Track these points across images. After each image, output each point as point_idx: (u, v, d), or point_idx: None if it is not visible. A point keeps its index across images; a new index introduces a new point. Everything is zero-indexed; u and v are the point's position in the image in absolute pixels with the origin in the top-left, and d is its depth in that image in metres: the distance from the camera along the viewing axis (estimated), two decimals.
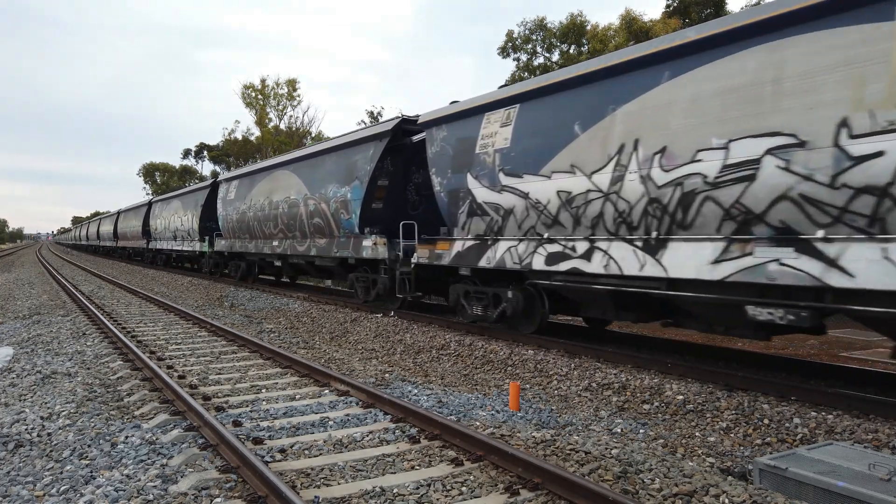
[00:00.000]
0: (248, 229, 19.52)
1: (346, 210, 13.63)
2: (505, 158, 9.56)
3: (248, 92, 49.85)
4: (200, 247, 24.90)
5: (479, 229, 10.24)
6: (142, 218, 36.98)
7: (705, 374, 7.33)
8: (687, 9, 22.82)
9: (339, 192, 14.00)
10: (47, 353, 9.64)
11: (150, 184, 74.30)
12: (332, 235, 14.48)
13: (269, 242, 18.22)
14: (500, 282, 10.19)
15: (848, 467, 4.35)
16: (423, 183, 13.02)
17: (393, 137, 12.61)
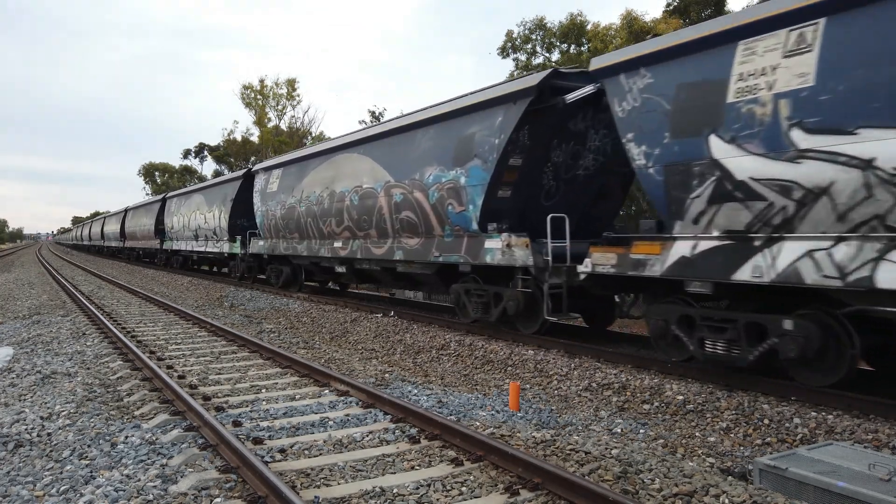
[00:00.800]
0: (298, 227, 16.38)
1: (456, 200, 10.45)
2: (804, 106, 5.99)
3: (248, 92, 49.86)
4: (230, 248, 21.85)
5: (737, 222, 6.67)
6: (154, 215, 33.62)
7: (705, 374, 7.33)
8: (687, 8, 22.81)
9: (445, 177, 10.66)
10: (47, 353, 9.64)
11: (149, 184, 74.24)
12: (431, 234, 11.25)
13: (329, 243, 14.94)
14: (747, 304, 7.09)
15: (848, 467, 4.35)
16: (563, 162, 10.13)
17: (538, 97, 9.16)
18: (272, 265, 19.27)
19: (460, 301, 11.00)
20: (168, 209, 31.15)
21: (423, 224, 11.44)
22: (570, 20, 27.20)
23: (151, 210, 35.13)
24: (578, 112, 9.74)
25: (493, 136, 9.65)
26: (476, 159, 9.97)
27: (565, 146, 10.00)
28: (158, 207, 33.14)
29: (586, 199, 10.67)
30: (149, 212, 35.95)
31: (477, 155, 9.94)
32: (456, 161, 10.44)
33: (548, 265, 9.02)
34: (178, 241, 29.16)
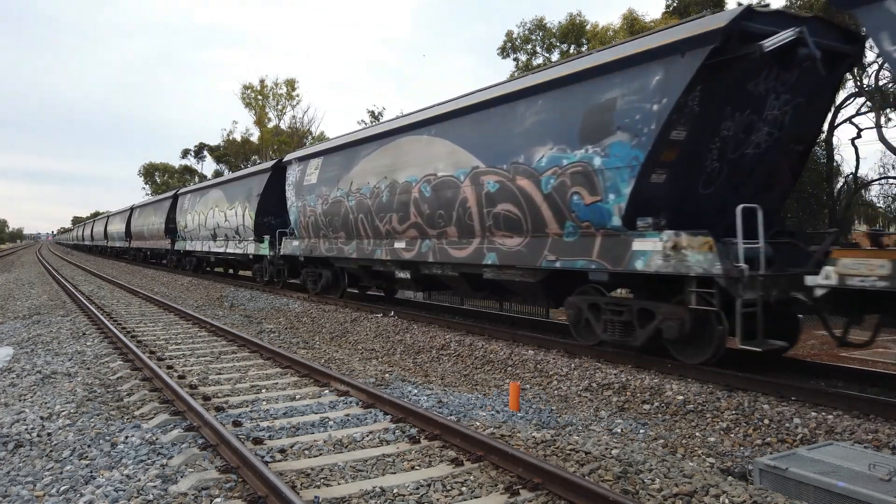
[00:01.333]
0: (345, 225, 14.09)
1: (586, 188, 8.09)
2: None
3: (248, 92, 49.88)
4: (256, 249, 19.42)
5: None
6: (164, 213, 30.89)
7: (705, 375, 7.33)
8: (687, 8, 22.82)
9: (568, 159, 8.32)
10: (47, 353, 9.64)
11: (149, 184, 74.27)
12: (541, 232, 8.97)
13: (388, 244, 12.57)
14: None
15: (848, 467, 4.35)
16: (732, 137, 7.68)
17: (722, 46, 6.82)
18: (309, 268, 16.90)
19: (581, 318, 8.75)
20: (180, 206, 28.53)
21: (529, 220, 9.09)
22: (569, 20, 27.22)
23: (161, 207, 32.41)
24: (762, 69, 7.28)
25: (649, 101, 7.34)
26: (620, 133, 7.64)
27: (739, 115, 7.54)
28: (169, 205, 30.54)
29: (753, 185, 8.19)
30: (158, 209, 33.16)
31: (621, 127, 7.63)
32: (585, 137, 8.07)
33: (743, 274, 6.77)
34: (193, 242, 26.55)
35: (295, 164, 16.90)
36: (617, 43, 8.52)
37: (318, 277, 16.52)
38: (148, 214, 35.89)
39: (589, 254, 8.20)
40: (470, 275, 10.86)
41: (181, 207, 28.45)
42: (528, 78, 9.59)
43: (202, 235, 25.12)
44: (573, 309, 8.88)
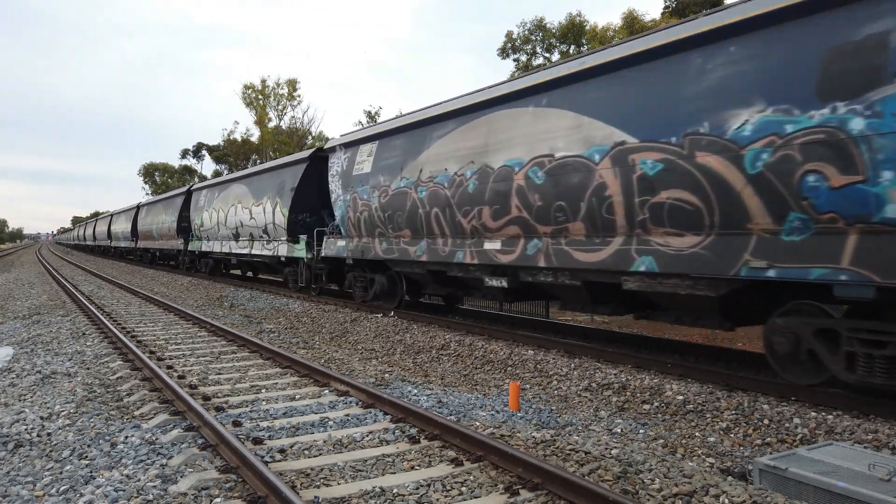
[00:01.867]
0: (412, 221, 11.61)
1: (835, 164, 5.81)
2: None
3: (249, 92, 49.88)
4: (290, 250, 16.90)
5: None
6: (176, 211, 28.71)
7: (705, 374, 7.33)
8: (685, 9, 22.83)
9: (795, 125, 6.04)
10: (47, 353, 9.64)
11: (149, 184, 74.29)
12: (737, 227, 6.65)
13: (475, 244, 10.20)
14: None
15: (848, 467, 4.35)
16: None
17: None
18: (357, 272, 14.31)
19: (799, 348, 6.43)
20: (195, 203, 26.13)
21: (716, 211, 6.76)
22: (569, 21, 27.23)
23: (172, 205, 29.98)
24: None
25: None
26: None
27: None
28: (182, 202, 28.33)
29: None
30: (169, 207, 30.60)
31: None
32: (830, 91, 5.77)
33: None
34: (210, 242, 24.07)
35: (340, 152, 14.29)
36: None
37: (368, 284, 13.76)
38: (157, 212, 33.23)
39: (834, 258, 5.78)
40: (599, 284, 8.39)
41: (196, 204, 26.04)
42: (705, 19, 7.01)
43: (221, 235, 22.67)
44: (785, 336, 6.48)
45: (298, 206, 16.89)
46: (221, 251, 22.90)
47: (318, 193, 16.24)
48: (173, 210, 29.51)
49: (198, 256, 26.87)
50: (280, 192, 17.61)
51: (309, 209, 16.89)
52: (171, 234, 29.66)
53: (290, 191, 16.97)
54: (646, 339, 10.16)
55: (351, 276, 14.61)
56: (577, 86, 8.43)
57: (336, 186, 14.38)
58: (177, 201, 29.44)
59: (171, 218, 29.65)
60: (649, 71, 7.47)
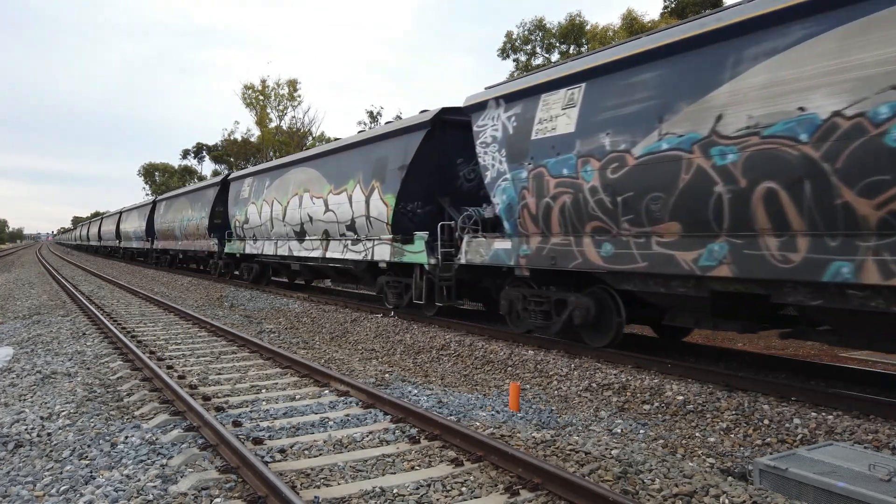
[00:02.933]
0: (753, 204, 6.33)
1: None
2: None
3: (249, 92, 49.86)
4: (395, 253, 12.26)
5: None
6: (208, 206, 24.19)
7: (705, 375, 7.33)
8: (684, 9, 22.84)
9: None
10: (47, 353, 9.64)
11: (149, 184, 74.30)
12: None
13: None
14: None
15: (848, 468, 4.35)
16: None
17: None
18: (526, 290, 9.77)
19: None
20: (235, 195, 21.58)
21: None
22: (569, 21, 27.24)
23: (202, 199, 25.49)
24: None
25: None
26: None
27: None
28: (215, 194, 23.82)
29: None
30: (197, 201, 26.05)
31: None
32: None
33: None
34: (258, 242, 19.60)
35: (497, 108, 9.80)
36: None
37: (552, 308, 9.29)
38: (181, 208, 28.40)
39: None
40: None
41: (236, 197, 21.47)
42: None
43: (277, 234, 18.05)
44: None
45: (409, 192, 12.06)
46: (276, 254, 18.15)
47: (437, 173, 11.96)
48: (203, 204, 24.88)
49: (238, 260, 22.26)
50: (379, 174, 12.81)
51: (422, 196, 12.22)
52: (200, 233, 25.18)
53: (397, 170, 12.13)
54: (646, 340, 10.16)
55: (514, 294, 9.92)
56: None
57: (494, 160, 9.79)
58: (208, 194, 24.65)
59: (200, 214, 25.18)
60: None
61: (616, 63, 8.00)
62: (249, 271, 21.21)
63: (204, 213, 24.66)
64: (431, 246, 11.40)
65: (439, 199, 12.02)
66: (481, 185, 10.75)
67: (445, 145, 11.87)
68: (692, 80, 7.01)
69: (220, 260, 23.48)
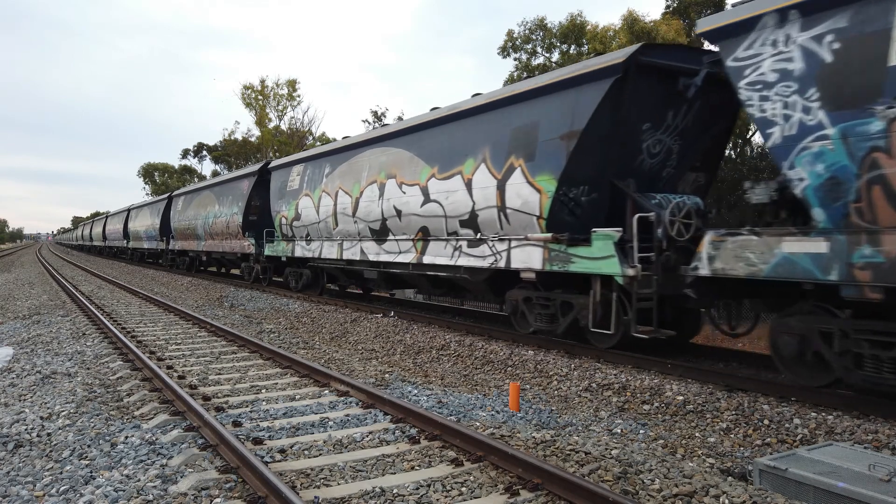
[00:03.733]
0: None
1: None
2: None
3: (248, 93, 49.87)
4: (549, 260, 8.88)
5: None
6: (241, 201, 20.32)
7: (705, 375, 7.33)
8: (686, 9, 22.82)
9: None
10: (47, 354, 9.64)
11: (149, 184, 74.28)
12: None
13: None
14: None
15: (848, 468, 4.35)
16: None
17: None
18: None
19: None
20: (281, 186, 17.66)
21: None
22: (570, 21, 27.25)
23: (232, 192, 21.53)
24: None
25: None
26: None
27: None
28: (250, 187, 19.96)
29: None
30: (226, 195, 22.04)
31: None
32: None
33: None
34: (314, 244, 15.91)
35: (808, 21, 6.21)
36: None
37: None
38: (204, 202, 24.65)
39: None
40: None
41: (281, 189, 17.61)
42: None
43: (343, 232, 14.51)
44: None
45: (577, 171, 8.59)
46: (340, 258, 14.64)
47: (617, 146, 8.52)
48: (235, 199, 21.10)
49: (282, 264, 18.72)
50: (524, 147, 9.15)
51: (590, 179, 8.72)
52: (231, 231, 21.33)
53: (559, 141, 8.63)
54: (646, 340, 10.16)
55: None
56: None
57: (788, 108, 6.39)
58: (241, 186, 20.74)
59: (230, 210, 21.42)
60: None
61: None
62: (298, 278, 17.42)
63: (236, 208, 20.82)
64: (623, 249, 8.08)
65: (617, 183, 8.53)
66: (667, 162, 8.61)
67: (637, 103, 8.33)
68: None
69: (258, 264, 19.89)
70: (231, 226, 21.35)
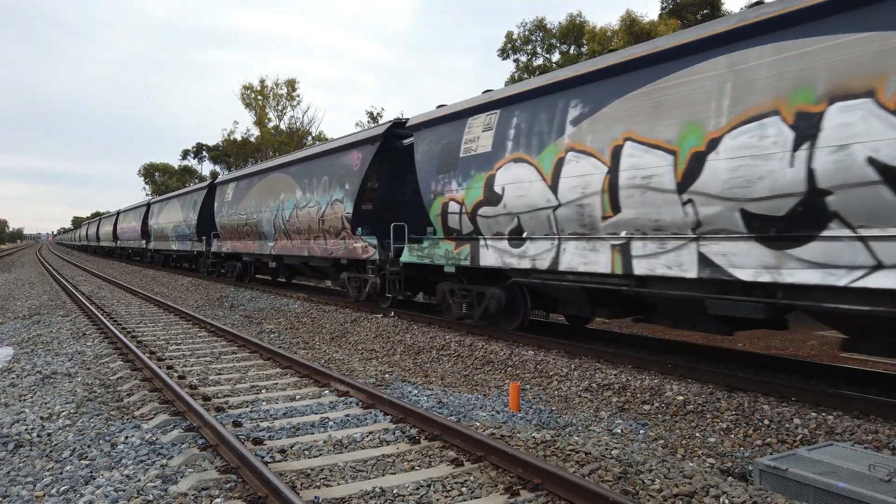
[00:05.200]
0: None
1: None
2: None
3: (248, 93, 49.86)
4: None
5: None
6: (354, 182, 13.48)
7: (705, 375, 7.33)
8: (682, 10, 22.84)
9: None
10: (47, 354, 9.64)
11: (150, 184, 74.27)
12: None
13: None
14: None
15: (848, 468, 4.35)
16: None
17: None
18: None
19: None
20: (449, 153, 10.81)
21: None
22: (569, 21, 27.24)
23: (329, 170, 14.88)
24: None
25: None
26: None
27: None
28: (365, 161, 13.29)
29: None
30: (317, 175, 15.42)
31: None
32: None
33: None
34: (527, 245, 9.22)
35: None
36: None
37: None
38: (273, 189, 17.92)
39: None
40: None
41: (450, 156, 10.77)
42: None
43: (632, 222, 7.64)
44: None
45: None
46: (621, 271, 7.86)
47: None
48: (336, 179, 14.38)
49: (433, 277, 12.07)
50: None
51: None
52: (327, 229, 14.79)
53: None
54: (646, 340, 10.16)
55: None
56: None
57: None
58: (346, 162, 14.06)
59: (327, 197, 14.68)
60: None
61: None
62: (479, 301, 10.70)
63: (338, 193, 14.17)
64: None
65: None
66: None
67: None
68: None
69: (377, 274, 13.22)
70: (329, 219, 14.53)
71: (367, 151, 13.42)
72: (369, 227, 13.63)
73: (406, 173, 13.32)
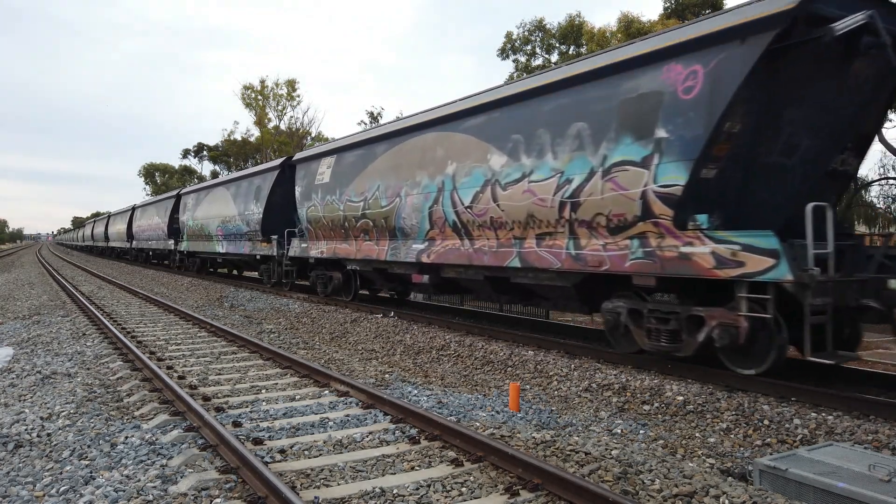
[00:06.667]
0: None
1: None
2: None
3: (248, 93, 49.84)
4: None
5: None
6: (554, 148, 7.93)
7: (705, 375, 7.33)
8: (684, 10, 22.83)
9: None
10: (47, 354, 9.64)
11: (150, 184, 74.24)
12: None
13: None
14: None
15: (848, 468, 4.35)
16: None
17: None
18: None
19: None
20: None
21: None
22: (568, 21, 27.23)
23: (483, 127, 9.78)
24: None
25: None
26: None
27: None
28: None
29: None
30: (471, 130, 10.04)
31: None
32: None
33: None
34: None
35: None
36: None
37: None
38: (389, 166, 12.45)
39: None
40: None
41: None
42: None
43: None
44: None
45: None
46: None
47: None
48: (486, 150, 9.66)
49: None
50: None
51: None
52: (540, 219, 8.77)
53: None
54: None
55: None
56: None
57: None
58: (518, 114, 9.21)
59: (523, 170, 8.99)
60: None
61: None
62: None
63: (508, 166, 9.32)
64: None
65: None
66: None
67: None
68: None
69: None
70: (504, 212, 9.48)
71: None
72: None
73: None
